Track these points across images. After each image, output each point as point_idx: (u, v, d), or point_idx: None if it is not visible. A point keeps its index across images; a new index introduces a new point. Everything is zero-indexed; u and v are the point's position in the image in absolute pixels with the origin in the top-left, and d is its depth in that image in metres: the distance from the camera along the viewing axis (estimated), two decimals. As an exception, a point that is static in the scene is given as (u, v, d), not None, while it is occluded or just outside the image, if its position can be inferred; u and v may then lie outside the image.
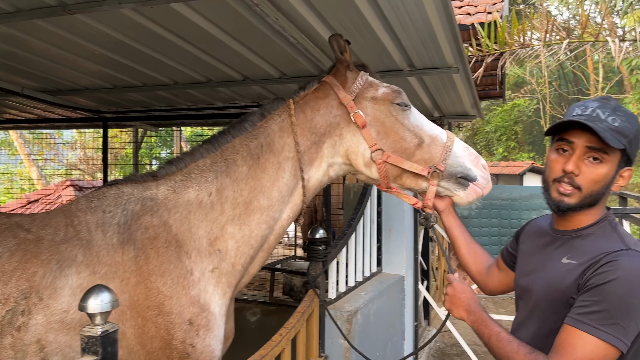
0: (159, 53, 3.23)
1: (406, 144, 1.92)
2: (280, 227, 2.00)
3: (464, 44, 5.39)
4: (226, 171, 1.94)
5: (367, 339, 3.18)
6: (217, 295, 1.85)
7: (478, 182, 1.93)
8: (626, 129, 1.47)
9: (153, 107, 4.87)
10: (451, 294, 1.71)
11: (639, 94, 17.57)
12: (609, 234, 1.53)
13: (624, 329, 1.36)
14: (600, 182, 1.50)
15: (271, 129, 2.00)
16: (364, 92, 1.99)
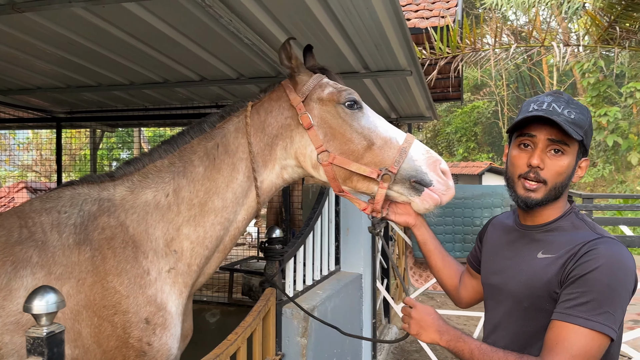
0: (113, 53, 3.19)
1: (353, 146, 1.87)
2: (235, 229, 2.01)
3: (418, 47, 5.54)
4: (183, 172, 1.95)
5: (325, 336, 3.22)
6: (174, 295, 1.86)
7: (434, 188, 1.80)
8: (581, 120, 1.50)
9: (109, 108, 4.80)
10: (417, 318, 1.62)
11: (590, 96, 18.33)
12: (578, 225, 1.53)
13: (613, 316, 1.36)
14: (564, 174, 1.51)
15: (227, 130, 2.01)
16: (312, 94, 1.98)
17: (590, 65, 17.84)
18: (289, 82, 2.03)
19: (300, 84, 2.00)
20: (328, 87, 1.99)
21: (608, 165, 19.35)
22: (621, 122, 17.86)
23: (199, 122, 2.06)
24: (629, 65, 16.62)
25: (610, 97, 18.92)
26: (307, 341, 2.91)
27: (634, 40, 4.59)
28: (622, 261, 1.40)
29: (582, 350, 1.36)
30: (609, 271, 1.38)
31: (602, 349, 1.38)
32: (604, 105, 18.20)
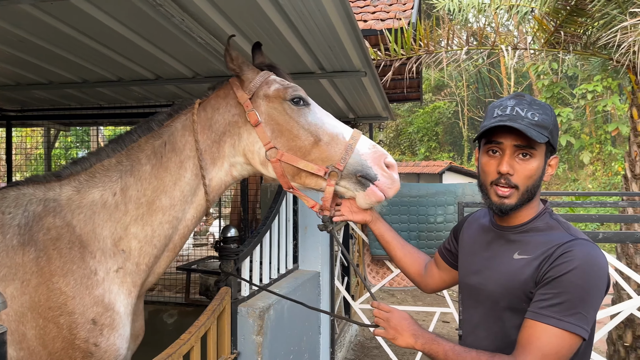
0: (64, 50, 3.13)
1: (300, 143, 1.88)
2: (184, 227, 2.00)
3: (375, 48, 5.63)
4: (131, 170, 1.94)
5: (281, 333, 3.25)
6: (122, 295, 1.86)
7: (379, 182, 1.83)
8: (545, 121, 1.52)
9: (62, 106, 4.69)
10: (394, 323, 1.64)
11: (545, 97, 18.95)
12: (552, 225, 1.56)
13: (585, 317, 1.39)
14: (534, 177, 1.54)
15: (175, 128, 2.00)
16: (259, 91, 1.99)
17: (545, 68, 18.46)
18: (236, 80, 2.03)
19: (247, 82, 2.00)
20: (274, 84, 2.00)
21: (562, 164, 20.09)
22: (574, 122, 18.56)
23: (146, 121, 2.04)
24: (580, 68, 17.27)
25: (564, 98, 19.62)
26: (262, 339, 2.93)
27: (578, 44, 4.81)
28: (596, 263, 1.43)
29: (554, 350, 1.39)
30: (583, 273, 1.40)
31: (573, 349, 1.41)
32: (558, 106, 18.84)
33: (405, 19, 5.58)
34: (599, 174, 18.39)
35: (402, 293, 8.94)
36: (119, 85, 3.83)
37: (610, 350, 4.89)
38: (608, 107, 16.84)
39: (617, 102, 16.38)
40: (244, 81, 2.01)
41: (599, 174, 18.43)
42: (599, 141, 18.50)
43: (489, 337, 1.61)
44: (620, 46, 4.14)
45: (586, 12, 4.67)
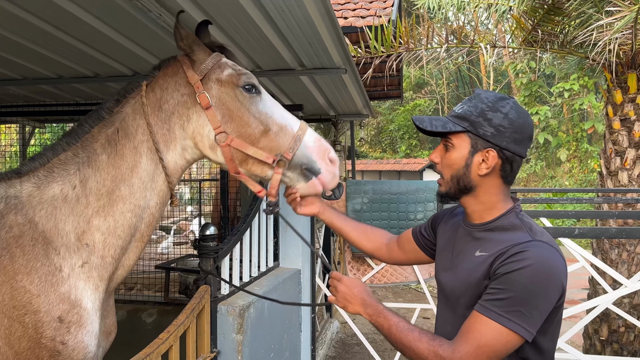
0: (38, 45, 3.06)
1: (250, 130, 1.88)
2: (149, 215, 1.96)
3: (355, 45, 5.64)
4: (87, 161, 1.89)
5: (261, 332, 3.24)
6: (89, 290, 1.82)
7: (322, 176, 1.89)
8: (467, 112, 1.57)
9: (37, 102, 4.59)
10: (343, 290, 1.68)
11: (523, 95, 19.24)
12: (516, 225, 1.56)
13: (527, 316, 1.40)
14: (454, 166, 1.59)
15: (126, 113, 1.94)
16: (211, 74, 1.92)
17: (523, 66, 18.72)
18: (186, 59, 1.95)
19: (198, 62, 1.93)
20: (227, 69, 1.95)
21: (540, 162, 20.39)
22: (551, 120, 18.87)
23: (96, 110, 1.98)
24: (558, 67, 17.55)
25: (542, 96, 19.93)
26: (242, 337, 2.91)
27: (555, 42, 4.88)
28: (548, 266, 1.43)
29: (489, 343, 1.43)
30: (531, 274, 1.41)
31: (508, 346, 1.44)
32: (536, 104, 19.15)
33: (386, 16, 5.59)
34: (576, 171, 18.72)
35: (383, 290, 9.00)
36: (95, 81, 3.76)
37: (587, 345, 4.98)
38: (584, 106, 17.17)
39: (593, 101, 16.71)
40: (194, 61, 1.94)
41: (575, 171, 18.76)
42: (576, 139, 18.84)
43: (454, 334, 1.60)
44: (596, 45, 4.21)
45: (563, 11, 4.74)
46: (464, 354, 1.44)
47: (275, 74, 3.48)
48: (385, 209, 4.19)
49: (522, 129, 1.56)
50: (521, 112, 1.58)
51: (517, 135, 1.55)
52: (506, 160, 1.56)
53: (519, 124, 1.55)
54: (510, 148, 1.55)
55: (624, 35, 4.05)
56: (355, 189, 4.26)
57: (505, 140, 1.54)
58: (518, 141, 1.55)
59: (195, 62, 1.94)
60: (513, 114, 1.55)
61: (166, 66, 2.00)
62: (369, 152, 27.56)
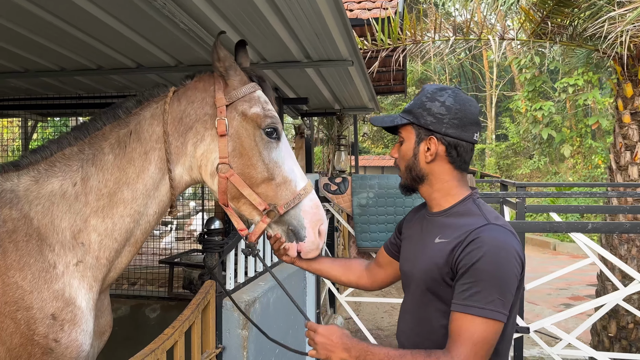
0: (41, 37, 3.02)
1: (254, 172, 1.84)
2: (146, 222, 1.91)
3: (361, 38, 5.57)
4: (92, 160, 1.85)
5: (266, 328, 3.19)
6: (83, 289, 1.78)
7: (304, 245, 1.86)
8: (411, 106, 1.67)
9: (39, 95, 4.54)
10: (322, 341, 1.62)
11: (527, 91, 19.13)
12: (472, 210, 1.60)
13: (502, 301, 1.45)
14: (405, 157, 1.68)
15: (143, 116, 1.90)
16: (239, 104, 1.88)
17: (527, 61, 18.59)
18: (221, 79, 1.91)
19: (231, 88, 1.89)
20: (257, 106, 1.89)
21: (543, 158, 20.28)
22: (555, 116, 18.75)
23: (113, 107, 1.93)
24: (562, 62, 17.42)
25: (545, 92, 19.81)
26: (248, 333, 2.86)
27: (565, 35, 4.80)
28: (504, 247, 1.48)
29: (482, 337, 1.44)
30: (492, 259, 1.45)
31: (497, 334, 1.47)
32: (540, 99, 19.03)
33: (392, 8, 5.52)
34: (580, 167, 18.61)
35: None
36: (98, 73, 3.71)
37: (595, 341, 4.94)
38: (589, 101, 17.05)
39: (597, 96, 16.59)
40: (227, 85, 1.90)
41: (579, 167, 18.65)
42: (580, 134, 18.72)
43: (413, 321, 1.66)
44: (607, 37, 4.13)
45: (573, 2, 4.65)
46: (463, 357, 1.44)
47: (280, 66, 3.43)
48: (392, 203, 4.14)
49: (461, 114, 1.61)
50: (460, 99, 1.62)
51: (456, 120, 1.60)
52: (449, 146, 1.61)
53: (456, 109, 1.60)
54: (450, 133, 1.60)
55: (635, 27, 3.98)
56: (361, 184, 4.21)
57: (444, 126, 1.60)
58: (458, 126, 1.60)
59: (228, 87, 1.89)
60: (450, 101, 1.61)
61: (199, 80, 1.95)
62: (371, 147, 27.48)
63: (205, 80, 1.94)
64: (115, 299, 4.29)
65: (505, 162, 22.24)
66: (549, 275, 3.20)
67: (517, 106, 20.20)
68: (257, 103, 1.90)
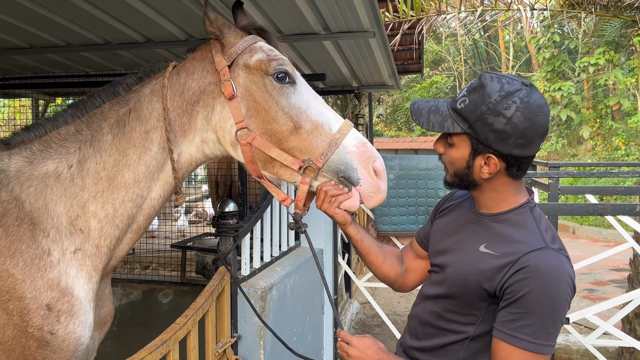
0: (45, 9, 2.85)
1: (277, 127, 1.63)
2: (149, 207, 1.78)
3: (380, 9, 5.32)
4: (90, 141, 1.72)
5: (284, 315, 3.05)
6: (82, 279, 1.66)
7: (361, 188, 1.61)
8: (468, 112, 1.40)
9: (46, 74, 4.39)
10: (356, 355, 1.52)
11: (545, 71, 18.65)
12: (528, 224, 1.45)
13: (553, 334, 1.37)
14: (455, 164, 1.49)
15: (143, 93, 1.77)
16: (239, 59, 1.71)
17: (545, 41, 18.09)
18: (217, 43, 1.75)
19: (228, 46, 1.72)
20: (258, 53, 1.71)
21: (561, 139, 19.85)
22: (574, 96, 18.28)
23: (113, 84, 1.79)
24: (584, 40, 16.92)
25: (564, 72, 19.30)
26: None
27: (599, 5, 4.51)
28: (559, 276, 1.36)
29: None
30: (546, 290, 1.35)
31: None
32: (558, 80, 18.55)
33: (414, -23, 5.27)
34: (599, 149, 18.18)
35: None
36: (105, 49, 3.54)
37: (626, 329, 4.73)
38: (610, 81, 16.57)
39: (619, 76, 16.10)
40: (224, 45, 1.73)
41: (598, 149, 18.22)
42: (600, 115, 18.26)
43: (428, 315, 1.60)
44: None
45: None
46: None
47: (297, 38, 3.22)
48: (413, 185, 3.95)
49: (529, 132, 1.37)
50: (529, 113, 1.36)
51: (522, 140, 1.38)
52: (511, 164, 1.43)
53: (524, 127, 1.36)
54: (514, 153, 1.40)
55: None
56: (381, 165, 4.02)
57: (508, 146, 1.39)
58: (524, 145, 1.39)
59: (225, 46, 1.73)
60: (518, 117, 1.35)
61: (197, 51, 1.82)
62: (384, 130, 27.17)
63: (202, 49, 1.81)
64: (127, 284, 4.19)
65: (522, 144, 21.82)
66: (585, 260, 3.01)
67: (534, 87, 19.73)
68: (258, 51, 1.72)
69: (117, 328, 4.24)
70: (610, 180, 12.49)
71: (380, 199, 1.65)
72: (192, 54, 1.83)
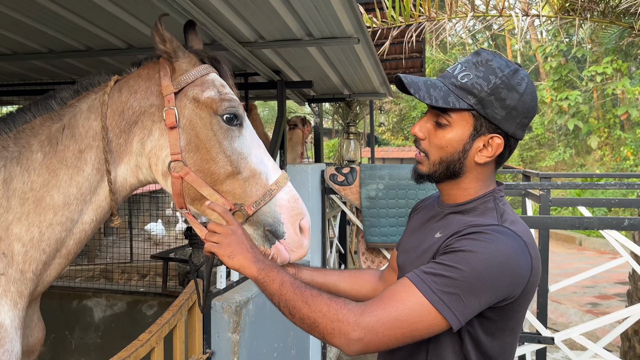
0: (27, 17, 2.81)
1: (215, 167, 1.57)
2: (81, 231, 1.67)
3: (369, 16, 5.25)
4: (18, 158, 1.61)
5: (263, 330, 2.94)
6: (7, 306, 1.55)
7: (285, 242, 1.56)
8: (475, 86, 1.27)
9: (33, 81, 4.36)
10: (226, 232, 1.40)
11: (552, 80, 18.47)
12: (489, 209, 1.33)
13: (463, 303, 1.18)
14: (447, 148, 1.33)
15: (79, 109, 1.65)
16: (189, 89, 1.62)
17: (552, 49, 17.95)
18: (167, 64, 1.64)
19: (179, 72, 1.63)
20: (210, 89, 1.63)
21: (569, 149, 19.61)
22: (582, 106, 18.07)
23: (46, 97, 1.68)
24: (590, 48, 16.75)
25: (572, 81, 19.11)
26: (239, 337, 2.62)
27: (595, 11, 4.39)
28: (507, 257, 1.19)
29: (411, 318, 1.18)
30: (485, 259, 1.18)
31: (430, 330, 1.19)
32: (566, 89, 18.36)
33: (404, -17, 5.19)
34: (607, 159, 17.93)
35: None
36: (88, 55, 3.49)
37: (625, 347, 4.57)
38: (618, 91, 16.36)
39: (627, 85, 15.89)
40: (175, 70, 1.63)
41: (607, 159, 17.97)
42: (608, 125, 18.03)
43: None
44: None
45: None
46: (375, 320, 1.18)
47: (280, 44, 3.15)
48: (403, 195, 3.84)
49: (531, 112, 1.31)
50: (534, 92, 1.32)
51: (526, 120, 1.31)
52: (507, 147, 1.33)
53: (530, 107, 1.30)
54: (517, 135, 1.32)
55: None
56: (370, 174, 3.92)
57: (514, 126, 1.30)
58: (524, 127, 1.32)
59: (176, 71, 1.63)
60: (528, 94, 1.29)
61: (143, 67, 1.71)
62: (391, 139, 27.07)
63: (150, 67, 1.68)
64: (111, 295, 4.11)
65: (529, 154, 21.62)
66: (578, 275, 2.89)
67: (541, 96, 19.55)
68: (210, 86, 1.63)
69: (101, 340, 4.16)
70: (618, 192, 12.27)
71: (302, 254, 1.60)
72: (137, 69, 1.72)
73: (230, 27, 2.86)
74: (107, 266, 5.27)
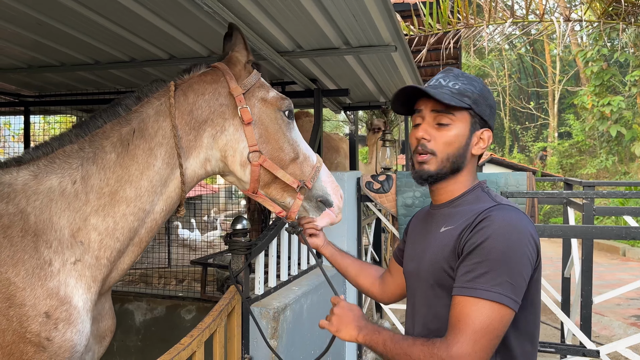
0: (74, 29, 2.94)
1: (283, 155, 1.93)
2: (152, 221, 1.87)
3: (406, 23, 5.23)
4: (93, 158, 1.81)
5: (299, 337, 2.96)
6: (81, 289, 1.73)
7: (333, 210, 2.01)
8: (467, 90, 1.50)
9: (79, 91, 4.53)
10: (339, 313, 1.57)
11: (594, 85, 17.94)
12: (481, 197, 1.50)
13: (513, 285, 1.29)
14: (454, 144, 1.49)
15: (146, 114, 1.86)
16: (255, 91, 1.94)
17: (593, 54, 17.45)
18: (228, 68, 1.95)
19: (243, 77, 1.94)
20: (271, 90, 1.98)
21: (611, 157, 18.98)
22: (625, 112, 17.47)
23: (112, 105, 1.90)
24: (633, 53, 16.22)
25: (614, 86, 18.53)
26: (277, 343, 2.64)
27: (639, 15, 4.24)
28: (516, 225, 1.34)
29: (484, 324, 1.27)
30: (503, 237, 1.31)
31: (505, 321, 1.30)
32: (608, 94, 17.81)
33: (441, -10, 5.16)
34: (652, 167, 17.26)
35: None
36: (131, 66, 3.60)
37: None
38: (663, 95, 15.76)
39: (673, 90, 15.27)
40: (238, 75, 1.94)
41: (652, 166, 17.31)
42: (653, 132, 17.36)
43: (422, 323, 1.54)
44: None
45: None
46: (460, 345, 1.27)
47: (317, 53, 3.18)
48: (440, 203, 3.80)
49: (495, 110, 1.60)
50: None
51: (494, 114, 1.57)
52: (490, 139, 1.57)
53: (495, 105, 1.59)
54: (492, 127, 1.57)
55: None
56: (407, 182, 3.90)
57: (492, 120, 1.55)
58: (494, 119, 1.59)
59: (240, 76, 1.94)
60: (493, 95, 1.58)
61: (204, 73, 1.96)
62: (426, 146, 26.79)
63: (212, 72, 1.96)
64: (151, 299, 4.21)
65: (569, 161, 21.05)
66: (624, 287, 2.79)
67: (582, 102, 19.01)
68: (269, 88, 1.98)
69: (141, 343, 4.25)
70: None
71: (340, 218, 2.07)
72: (196, 74, 1.95)
73: (270, 37, 2.91)
74: (146, 270, 5.41)
